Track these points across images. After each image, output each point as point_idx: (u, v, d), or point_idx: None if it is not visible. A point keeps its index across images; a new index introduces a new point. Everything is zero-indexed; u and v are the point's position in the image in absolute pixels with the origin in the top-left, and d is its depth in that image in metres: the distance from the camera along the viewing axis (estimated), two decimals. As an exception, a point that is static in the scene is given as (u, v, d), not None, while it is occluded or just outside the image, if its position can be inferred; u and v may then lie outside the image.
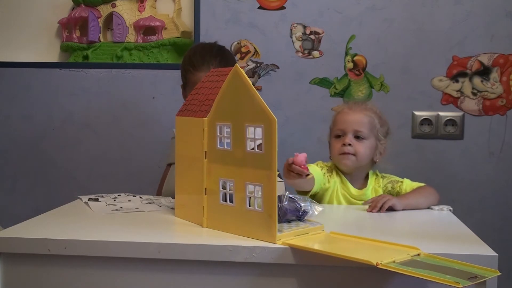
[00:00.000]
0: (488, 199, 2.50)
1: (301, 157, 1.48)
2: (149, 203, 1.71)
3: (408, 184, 1.86)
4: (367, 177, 1.91)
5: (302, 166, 1.48)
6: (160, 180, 2.15)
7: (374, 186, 1.88)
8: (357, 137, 1.84)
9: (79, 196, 1.77)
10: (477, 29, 2.47)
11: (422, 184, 1.84)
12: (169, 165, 2.11)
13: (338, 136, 1.87)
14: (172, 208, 1.62)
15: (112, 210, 1.59)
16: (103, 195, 1.79)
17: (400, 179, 1.89)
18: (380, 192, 1.87)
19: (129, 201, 1.73)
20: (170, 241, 1.28)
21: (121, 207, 1.63)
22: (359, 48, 2.52)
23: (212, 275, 1.25)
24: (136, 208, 1.62)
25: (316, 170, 1.82)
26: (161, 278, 1.26)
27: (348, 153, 1.82)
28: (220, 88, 1.36)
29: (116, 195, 1.81)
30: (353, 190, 1.85)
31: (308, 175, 1.54)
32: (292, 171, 1.50)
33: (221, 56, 1.98)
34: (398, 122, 2.52)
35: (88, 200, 1.72)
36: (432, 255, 1.17)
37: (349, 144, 1.82)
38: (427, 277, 1.05)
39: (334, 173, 1.87)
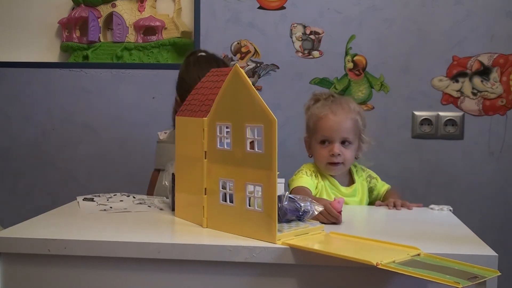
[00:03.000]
0: (488, 199, 2.50)
1: (340, 203, 1.46)
2: (140, 203, 1.70)
3: (380, 182, 1.91)
4: (350, 171, 1.91)
5: (339, 213, 1.46)
6: (148, 184, 2.13)
7: (359, 180, 1.90)
8: (343, 142, 1.82)
9: (76, 197, 1.76)
10: (477, 29, 2.47)
11: (389, 186, 1.92)
12: (157, 170, 2.09)
13: (323, 142, 1.83)
14: (162, 209, 1.62)
15: (100, 210, 1.59)
16: (100, 195, 1.79)
17: (374, 175, 1.92)
18: (365, 185, 1.90)
19: (121, 201, 1.72)
20: (170, 241, 1.28)
21: (110, 207, 1.62)
22: (359, 48, 2.52)
23: (212, 275, 1.25)
24: (124, 209, 1.62)
25: (310, 183, 1.79)
26: (161, 278, 1.26)
27: (338, 163, 1.81)
28: (220, 88, 1.36)
29: (112, 194, 1.80)
30: (343, 188, 1.85)
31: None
32: (326, 216, 1.45)
33: None
34: (398, 122, 2.52)
35: (83, 199, 1.72)
36: (432, 255, 1.17)
37: (338, 154, 1.80)
38: (427, 277, 1.05)
39: (320, 176, 1.86)
